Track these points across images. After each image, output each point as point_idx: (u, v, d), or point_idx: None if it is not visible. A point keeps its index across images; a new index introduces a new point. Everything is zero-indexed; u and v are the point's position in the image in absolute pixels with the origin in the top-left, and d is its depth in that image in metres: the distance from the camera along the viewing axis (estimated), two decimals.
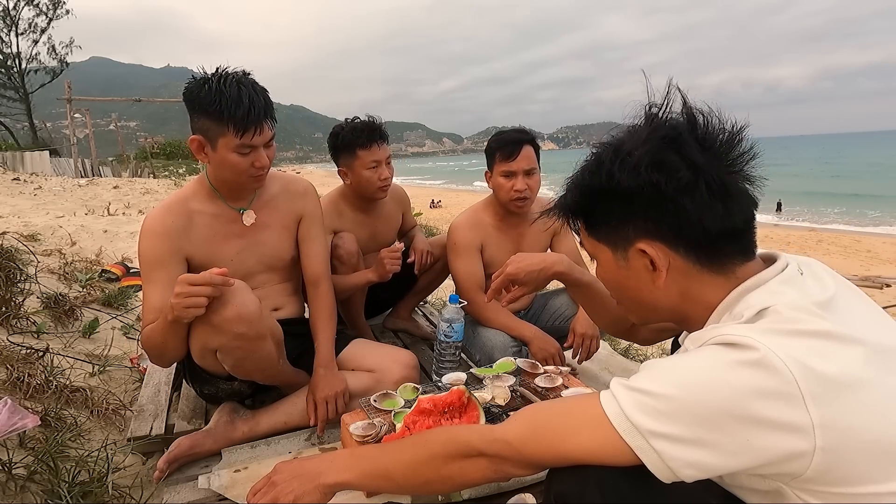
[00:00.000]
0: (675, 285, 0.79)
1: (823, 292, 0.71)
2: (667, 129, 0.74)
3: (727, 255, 0.76)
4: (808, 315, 0.67)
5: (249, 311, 1.26)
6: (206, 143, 1.40)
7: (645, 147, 0.74)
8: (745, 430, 0.62)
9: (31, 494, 1.22)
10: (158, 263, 1.41)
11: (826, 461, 0.61)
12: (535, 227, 2.06)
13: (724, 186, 0.72)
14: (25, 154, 17.66)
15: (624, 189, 0.75)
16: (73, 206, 7.10)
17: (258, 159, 1.41)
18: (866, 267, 8.27)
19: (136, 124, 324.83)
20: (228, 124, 1.34)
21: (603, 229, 0.82)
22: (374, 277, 1.92)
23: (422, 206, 17.71)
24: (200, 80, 1.36)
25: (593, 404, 0.73)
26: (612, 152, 0.77)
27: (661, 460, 0.66)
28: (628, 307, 0.89)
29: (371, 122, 1.98)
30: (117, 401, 1.75)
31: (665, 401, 0.66)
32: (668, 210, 0.73)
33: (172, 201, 1.50)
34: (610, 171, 0.76)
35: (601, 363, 2.20)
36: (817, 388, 0.61)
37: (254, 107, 1.35)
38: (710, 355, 0.67)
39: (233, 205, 1.54)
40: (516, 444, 0.77)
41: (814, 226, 13.96)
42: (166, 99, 25.22)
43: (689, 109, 0.74)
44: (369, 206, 2.13)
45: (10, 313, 2.09)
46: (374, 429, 1.29)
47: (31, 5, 30.65)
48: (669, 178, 0.72)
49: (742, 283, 0.74)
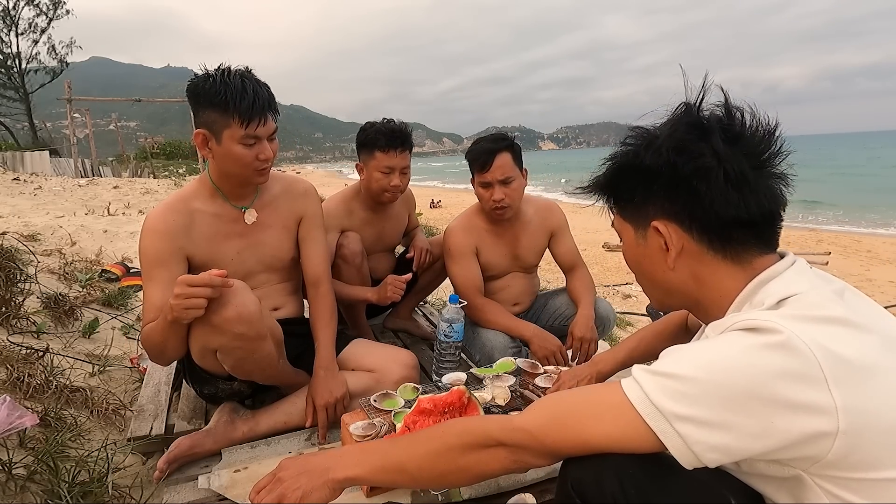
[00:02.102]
0: (687, 269, 0.81)
1: (833, 284, 0.75)
2: (695, 118, 0.78)
3: (742, 244, 0.78)
4: (828, 302, 0.69)
5: (250, 312, 1.26)
6: (210, 137, 1.41)
7: (670, 131, 0.78)
8: (769, 412, 0.63)
9: (31, 494, 1.22)
10: (159, 262, 1.41)
11: (847, 444, 0.62)
12: (531, 229, 2.06)
13: (743, 178, 0.74)
14: (25, 154, 17.65)
15: (646, 168, 0.80)
16: (73, 206, 7.09)
17: (262, 151, 1.43)
18: (866, 267, 8.27)
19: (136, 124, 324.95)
20: (234, 115, 1.35)
21: (628, 207, 0.87)
22: (373, 298, 1.93)
23: (422, 206, 17.70)
24: (204, 75, 1.39)
25: (615, 391, 0.73)
26: (645, 135, 0.82)
27: (685, 444, 0.66)
28: (645, 287, 0.93)
29: (398, 127, 1.98)
30: (117, 401, 1.75)
31: (690, 383, 0.67)
32: (684, 191, 0.77)
33: (174, 200, 1.50)
34: (638, 151, 0.81)
35: None
36: (839, 372, 0.62)
37: (258, 97, 1.37)
38: (734, 339, 0.68)
39: (235, 203, 1.55)
40: (536, 432, 0.77)
41: (814, 226, 13.95)
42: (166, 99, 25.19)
43: (727, 104, 0.78)
44: (380, 206, 2.14)
45: (10, 313, 2.09)
46: (374, 429, 1.29)
47: (31, 5, 30.62)
48: (687, 161, 0.76)
49: (759, 274, 0.77)
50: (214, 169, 1.50)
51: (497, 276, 2.09)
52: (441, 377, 1.60)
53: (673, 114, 0.81)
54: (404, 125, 2.00)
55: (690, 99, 0.80)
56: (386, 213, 2.19)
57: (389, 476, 0.85)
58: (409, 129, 2.03)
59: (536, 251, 2.10)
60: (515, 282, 2.11)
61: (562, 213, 2.12)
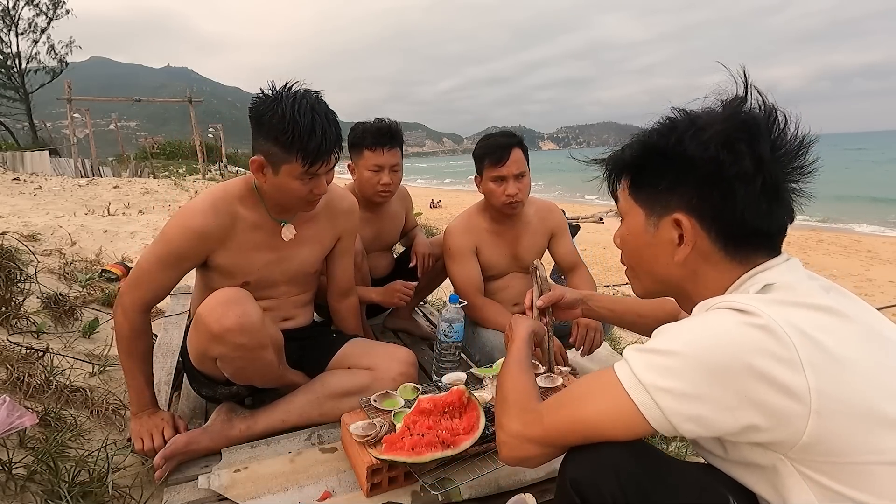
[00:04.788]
0: (692, 264, 0.81)
1: (821, 281, 0.76)
2: (747, 117, 0.75)
3: (754, 250, 0.78)
4: (813, 291, 0.71)
5: (251, 322, 1.26)
6: (267, 166, 1.34)
7: (721, 126, 0.75)
8: (745, 384, 0.64)
9: (31, 494, 1.22)
10: (179, 257, 1.40)
11: (820, 426, 0.63)
12: (531, 230, 2.06)
13: (776, 189, 0.74)
14: (25, 154, 17.63)
15: (688, 157, 0.76)
16: (73, 206, 7.09)
17: (317, 186, 1.38)
18: (866, 267, 8.26)
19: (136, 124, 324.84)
20: (298, 155, 1.28)
21: (646, 191, 0.83)
22: (378, 300, 1.96)
23: (422, 205, 17.70)
24: (272, 100, 1.28)
25: (608, 372, 0.76)
26: (689, 121, 0.78)
27: (663, 415, 0.68)
28: (636, 274, 0.91)
29: (385, 126, 1.99)
30: (117, 401, 1.74)
31: (672, 357, 0.69)
32: (720, 191, 0.75)
33: (220, 198, 1.42)
34: (681, 137, 0.77)
35: (602, 362, 2.20)
36: (815, 357, 0.63)
37: (326, 140, 1.29)
38: (717, 316, 0.70)
39: (276, 217, 1.50)
40: (543, 412, 0.82)
41: (814, 225, 13.96)
42: (166, 99, 25.19)
43: (771, 108, 0.75)
44: (375, 205, 2.14)
45: (10, 313, 2.09)
46: (374, 429, 1.29)
47: (31, 5, 30.59)
48: (734, 161, 0.73)
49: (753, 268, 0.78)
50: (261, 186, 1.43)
51: (497, 277, 2.09)
52: (441, 377, 1.60)
53: (726, 105, 0.77)
54: (394, 123, 2.01)
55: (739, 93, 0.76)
56: (382, 212, 2.19)
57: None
58: (399, 127, 2.03)
59: (536, 251, 2.10)
60: (515, 282, 2.11)
61: (561, 214, 2.12)
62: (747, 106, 0.76)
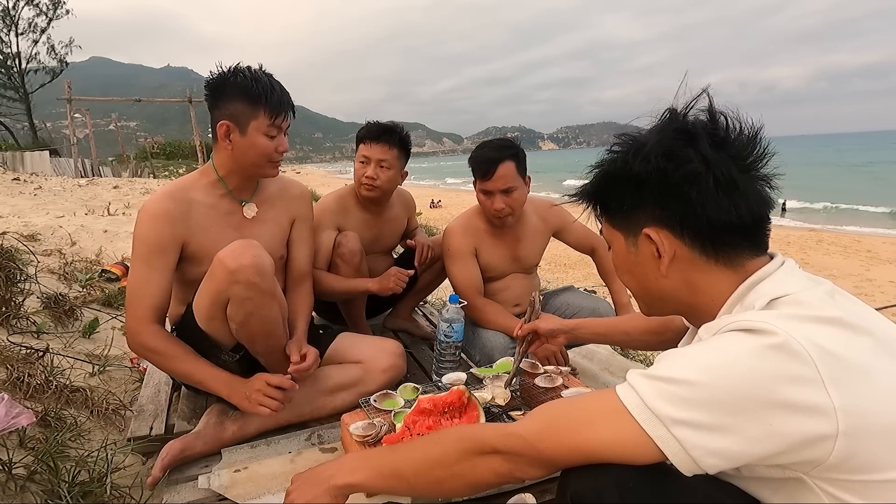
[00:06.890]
0: (680, 274, 0.81)
1: (823, 285, 0.75)
2: (681, 124, 0.78)
3: (735, 249, 0.78)
4: (821, 303, 0.69)
5: (265, 264, 1.31)
6: (234, 129, 1.44)
7: (658, 137, 0.78)
8: (768, 415, 0.62)
9: (31, 494, 1.22)
10: (160, 249, 1.41)
11: (848, 446, 0.61)
12: (531, 230, 2.06)
13: (732, 182, 0.74)
14: (25, 154, 17.64)
15: (635, 175, 0.79)
16: (73, 206, 7.09)
17: (281, 143, 1.50)
18: (866, 266, 8.26)
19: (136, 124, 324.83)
20: (264, 108, 1.42)
21: (617, 216, 0.86)
22: (375, 288, 1.94)
23: (422, 205, 17.69)
24: (231, 70, 1.44)
25: (610, 397, 0.72)
26: (631, 142, 0.81)
27: (683, 450, 0.65)
28: (637, 294, 0.92)
29: (384, 123, 2.02)
30: (117, 401, 1.75)
31: (687, 387, 0.65)
32: (674, 198, 0.76)
33: (172, 188, 1.50)
34: (625, 159, 0.80)
35: (602, 363, 2.20)
36: (835, 372, 0.62)
37: (284, 93, 1.48)
38: (730, 341, 0.67)
39: (235, 196, 1.56)
40: (531, 438, 0.75)
41: (814, 226, 13.95)
42: (166, 99, 25.22)
43: (711, 109, 0.78)
44: (376, 207, 2.13)
45: (10, 313, 2.09)
46: (374, 429, 1.29)
47: (31, 5, 30.62)
48: (677, 166, 0.75)
49: (750, 276, 0.76)
50: (224, 161, 1.51)
51: (497, 278, 2.09)
52: (441, 377, 1.60)
53: (659, 120, 0.81)
54: (394, 124, 2.03)
55: (683, 102, 0.79)
56: (383, 215, 2.18)
57: (387, 482, 0.85)
58: (399, 128, 2.03)
59: (537, 252, 2.10)
60: (515, 283, 2.11)
61: (562, 209, 2.12)
62: (693, 112, 0.78)
